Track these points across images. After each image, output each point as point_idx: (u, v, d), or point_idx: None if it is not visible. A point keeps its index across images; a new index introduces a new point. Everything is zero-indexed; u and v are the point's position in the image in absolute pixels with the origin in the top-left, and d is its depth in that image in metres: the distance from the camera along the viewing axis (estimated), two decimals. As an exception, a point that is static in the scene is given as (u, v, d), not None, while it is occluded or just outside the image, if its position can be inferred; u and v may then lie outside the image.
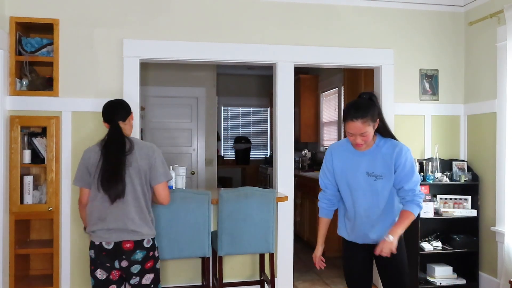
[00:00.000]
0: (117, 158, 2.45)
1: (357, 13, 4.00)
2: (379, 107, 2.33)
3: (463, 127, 4.18)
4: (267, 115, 8.29)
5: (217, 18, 3.78)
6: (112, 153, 2.47)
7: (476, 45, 4.04)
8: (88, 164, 2.53)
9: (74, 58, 3.53)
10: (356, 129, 2.20)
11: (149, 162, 2.54)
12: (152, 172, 2.54)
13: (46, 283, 3.43)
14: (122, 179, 2.44)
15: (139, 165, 2.50)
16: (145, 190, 2.53)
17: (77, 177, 2.58)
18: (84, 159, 2.56)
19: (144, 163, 2.52)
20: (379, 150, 2.30)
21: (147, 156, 2.54)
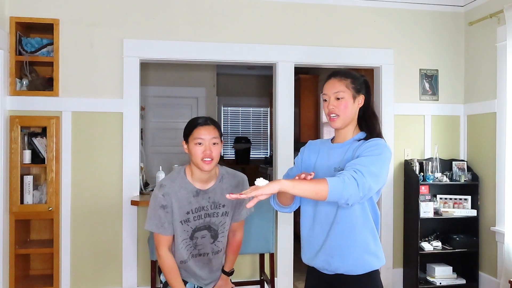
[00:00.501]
0: None
1: (357, 13, 4.00)
2: (370, 91, 1.93)
3: (463, 127, 4.18)
4: (267, 115, 8.28)
5: (217, 18, 3.78)
6: None
7: (476, 45, 4.04)
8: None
9: (74, 58, 3.53)
10: (330, 88, 1.81)
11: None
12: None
13: (46, 283, 3.43)
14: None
15: None
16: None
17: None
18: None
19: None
20: (355, 144, 1.80)
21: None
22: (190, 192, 2.13)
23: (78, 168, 3.54)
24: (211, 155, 2.05)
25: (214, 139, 2.08)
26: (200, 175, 2.12)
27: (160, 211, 2.10)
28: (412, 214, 3.90)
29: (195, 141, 2.06)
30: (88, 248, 3.56)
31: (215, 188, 2.16)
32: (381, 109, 4.03)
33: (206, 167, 2.06)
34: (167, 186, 2.12)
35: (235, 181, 2.22)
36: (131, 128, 3.61)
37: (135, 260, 3.60)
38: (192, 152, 2.07)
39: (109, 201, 3.58)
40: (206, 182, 2.15)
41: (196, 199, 2.13)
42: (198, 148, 2.06)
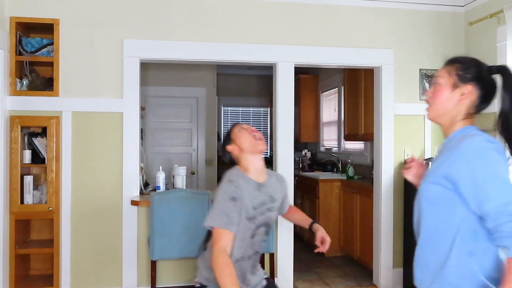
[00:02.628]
0: None
1: (357, 13, 4.00)
2: (491, 85, 1.67)
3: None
4: (267, 115, 8.28)
5: (217, 18, 3.78)
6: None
7: (476, 45, 4.04)
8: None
9: (74, 58, 3.54)
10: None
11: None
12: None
13: (46, 283, 3.43)
14: None
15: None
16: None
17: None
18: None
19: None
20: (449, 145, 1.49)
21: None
22: (252, 186, 2.05)
23: (78, 168, 3.54)
24: (260, 133, 2.12)
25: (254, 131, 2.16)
26: (257, 165, 2.09)
27: (230, 204, 1.94)
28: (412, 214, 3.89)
29: (239, 129, 2.11)
30: (88, 248, 3.56)
31: (269, 181, 2.15)
32: (381, 109, 4.03)
33: (261, 146, 2.06)
34: (236, 180, 2.01)
35: (279, 178, 2.29)
36: (131, 128, 3.61)
37: (135, 260, 3.60)
38: (242, 138, 2.08)
39: (109, 201, 3.58)
40: (262, 173, 2.12)
41: (258, 193, 2.06)
42: (245, 133, 2.09)
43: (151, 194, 3.13)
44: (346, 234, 4.99)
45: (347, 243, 4.96)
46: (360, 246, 4.60)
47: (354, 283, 4.22)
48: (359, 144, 5.51)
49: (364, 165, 5.29)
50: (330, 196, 5.19)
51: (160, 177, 3.72)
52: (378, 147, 4.10)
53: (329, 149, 6.53)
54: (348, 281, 4.27)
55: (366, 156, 5.27)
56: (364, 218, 4.51)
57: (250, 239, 2.05)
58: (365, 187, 4.52)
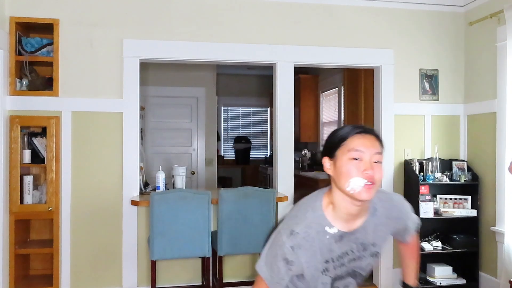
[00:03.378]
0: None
1: (357, 13, 4.00)
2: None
3: (463, 127, 4.18)
4: (267, 115, 8.28)
5: (217, 18, 3.78)
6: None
7: (476, 45, 4.04)
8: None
9: (74, 58, 3.53)
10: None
11: None
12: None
13: (46, 283, 3.43)
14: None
15: None
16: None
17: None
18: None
19: None
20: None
21: None
22: (331, 238, 1.50)
23: (78, 168, 3.54)
24: (372, 177, 1.40)
25: (377, 155, 1.44)
26: (349, 209, 1.47)
27: (281, 264, 1.48)
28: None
29: (351, 154, 1.42)
30: (88, 248, 3.56)
31: (365, 226, 1.54)
32: (381, 109, 4.03)
33: (364, 195, 1.40)
34: (300, 236, 1.47)
35: (394, 210, 1.62)
36: (131, 128, 3.61)
37: (135, 260, 3.60)
38: (344, 171, 1.42)
39: (109, 201, 3.58)
40: (355, 219, 1.51)
41: (339, 245, 1.52)
42: (354, 165, 1.41)
43: (151, 194, 3.13)
44: (346, 234, 4.97)
45: (347, 243, 4.95)
46: (360, 246, 4.59)
47: (354, 283, 4.21)
48: (359, 144, 5.49)
49: (364, 165, 5.28)
50: (330, 196, 5.18)
51: (160, 177, 3.72)
52: (378, 147, 4.10)
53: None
54: (348, 281, 4.26)
55: (366, 156, 5.25)
56: (364, 218, 4.50)
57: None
58: (365, 187, 4.51)
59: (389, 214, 1.59)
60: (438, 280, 3.84)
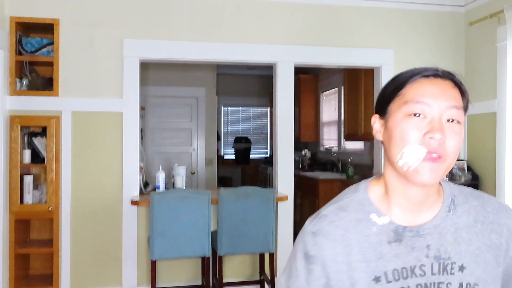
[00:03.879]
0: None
1: (357, 13, 4.00)
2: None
3: (463, 127, 4.18)
4: (267, 115, 8.28)
5: (217, 18, 3.78)
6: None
7: (476, 45, 4.04)
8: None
9: (74, 58, 3.53)
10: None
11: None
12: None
13: (46, 283, 3.43)
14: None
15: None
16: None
17: None
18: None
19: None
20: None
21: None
22: (381, 233, 0.93)
23: (78, 168, 3.54)
24: (441, 146, 0.86)
25: (453, 110, 0.89)
26: (407, 193, 0.92)
27: (300, 264, 0.96)
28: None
29: (409, 107, 0.89)
30: (88, 248, 3.56)
31: (439, 225, 0.94)
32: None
33: (424, 175, 0.86)
34: (328, 219, 0.96)
35: (488, 208, 0.98)
36: (131, 128, 3.61)
37: (135, 260, 3.60)
38: (395, 134, 0.90)
39: (109, 201, 3.58)
40: (419, 209, 0.94)
41: (396, 249, 0.92)
42: (412, 125, 0.88)
43: (151, 194, 3.14)
44: (346, 234, 4.98)
45: (347, 243, 4.95)
46: (360, 246, 4.60)
47: (354, 283, 4.21)
48: (359, 144, 5.51)
49: (364, 165, 5.29)
50: (330, 196, 5.16)
51: (160, 177, 3.72)
52: (378, 147, 4.10)
53: (329, 149, 6.53)
54: (348, 281, 4.26)
55: (366, 156, 5.27)
56: (364, 218, 4.51)
57: None
58: (365, 187, 4.51)
59: (480, 213, 0.96)
60: (438, 280, 3.84)
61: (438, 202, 0.96)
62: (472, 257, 0.92)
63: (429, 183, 0.87)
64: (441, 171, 0.87)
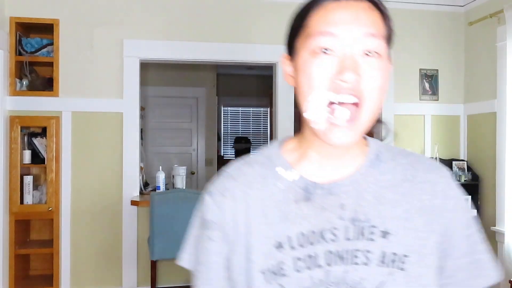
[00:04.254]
0: None
1: (357, 13, 4.00)
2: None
3: (463, 127, 4.18)
4: (267, 115, 8.29)
5: (217, 18, 3.78)
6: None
7: (476, 45, 4.04)
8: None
9: (74, 58, 3.53)
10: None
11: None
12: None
13: (46, 283, 3.43)
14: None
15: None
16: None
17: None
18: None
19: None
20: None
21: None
22: (289, 191, 0.78)
23: (78, 168, 3.54)
24: (356, 89, 0.69)
25: (369, 39, 0.70)
26: (322, 148, 0.77)
27: (199, 231, 0.84)
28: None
29: (314, 41, 0.70)
30: (88, 248, 3.56)
31: (358, 182, 0.77)
32: (381, 109, 4.02)
33: (335, 133, 0.70)
34: (231, 174, 0.84)
35: (418, 166, 0.80)
36: (131, 128, 3.61)
37: (135, 260, 3.60)
38: (301, 78, 0.73)
39: (109, 201, 3.58)
40: (336, 164, 0.78)
41: (303, 209, 0.76)
42: (319, 64, 0.70)
43: (151, 194, 3.14)
44: (346, 234, 4.98)
45: (347, 243, 4.95)
46: (360, 246, 4.60)
47: (354, 283, 4.21)
48: (359, 144, 5.51)
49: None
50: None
51: (160, 177, 3.72)
52: (378, 147, 4.10)
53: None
54: (348, 281, 4.26)
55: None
56: (364, 218, 4.51)
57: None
58: (365, 187, 4.51)
59: (408, 171, 0.79)
60: (438, 280, 3.84)
61: (360, 157, 0.79)
62: (399, 221, 0.73)
63: (343, 144, 0.71)
64: (359, 125, 0.70)
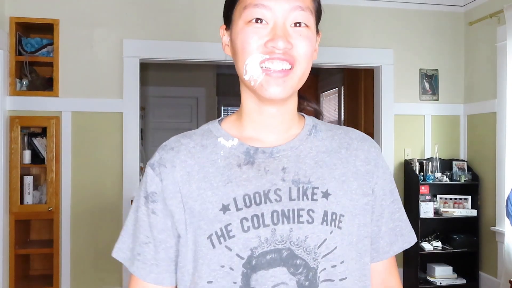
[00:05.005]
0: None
1: (357, 13, 4.00)
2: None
3: (463, 127, 4.18)
4: (267, 115, 8.28)
5: (217, 18, 3.76)
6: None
7: (476, 45, 4.04)
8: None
9: (74, 58, 3.53)
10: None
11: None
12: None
13: (46, 283, 3.42)
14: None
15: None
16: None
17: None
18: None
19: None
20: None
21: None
22: (230, 156, 0.81)
23: (78, 168, 3.54)
24: (286, 53, 0.76)
25: (298, 12, 0.77)
26: (261, 113, 0.83)
27: (141, 211, 0.83)
28: (412, 214, 3.90)
29: (248, 13, 0.78)
30: (88, 248, 3.56)
31: (298, 148, 0.83)
32: (381, 109, 4.03)
33: (271, 88, 0.77)
34: (169, 147, 0.87)
35: (352, 135, 0.88)
36: (131, 128, 3.61)
37: (135, 260, 3.60)
38: (237, 45, 0.81)
39: (109, 201, 3.58)
40: (275, 131, 0.84)
41: (247, 172, 0.79)
42: (252, 32, 0.78)
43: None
44: (346, 234, 4.98)
45: (347, 243, 4.95)
46: (360, 246, 4.60)
47: (354, 283, 4.21)
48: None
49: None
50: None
51: (160, 177, 3.72)
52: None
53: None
54: (348, 281, 4.26)
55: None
56: (364, 218, 4.51)
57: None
58: (365, 187, 4.51)
59: (338, 140, 0.86)
60: (438, 280, 3.84)
61: (298, 128, 0.85)
62: (337, 183, 0.80)
63: (279, 96, 0.77)
64: (292, 82, 0.78)
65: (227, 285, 0.74)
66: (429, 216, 3.82)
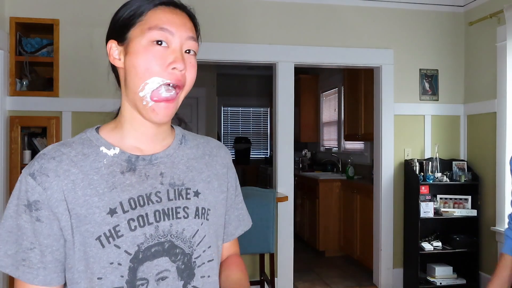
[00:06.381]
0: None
1: (357, 13, 4.00)
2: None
3: (463, 127, 4.19)
4: (267, 115, 8.29)
5: (217, 18, 3.78)
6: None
7: (476, 45, 4.04)
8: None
9: (74, 58, 3.53)
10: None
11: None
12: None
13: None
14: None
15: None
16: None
17: None
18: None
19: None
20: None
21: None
22: (113, 164, 0.91)
23: (78, 168, 3.54)
24: (182, 78, 0.90)
25: (191, 42, 0.92)
26: (141, 126, 0.95)
27: (22, 219, 0.85)
28: (412, 214, 3.90)
29: (153, 34, 0.89)
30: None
31: (171, 155, 0.97)
32: (381, 109, 4.03)
33: (161, 112, 0.90)
34: (49, 155, 0.89)
35: (212, 144, 1.08)
36: (131, 128, 3.61)
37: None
38: (139, 62, 0.89)
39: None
40: (152, 141, 0.96)
41: (130, 178, 0.90)
42: (157, 53, 0.88)
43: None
44: (346, 234, 4.99)
45: (347, 243, 4.96)
46: (360, 246, 4.60)
47: (354, 283, 4.22)
48: (359, 144, 5.51)
49: (364, 165, 5.29)
50: (330, 196, 5.19)
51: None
52: (378, 147, 4.10)
53: (329, 149, 6.53)
54: (348, 281, 4.27)
55: (366, 156, 5.27)
56: (364, 218, 4.51)
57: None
58: (365, 187, 4.52)
59: (203, 150, 1.04)
60: (438, 280, 3.84)
61: (171, 136, 1.01)
62: (204, 184, 0.99)
63: (164, 121, 0.92)
64: (176, 106, 0.93)
65: (115, 279, 0.85)
66: (429, 216, 3.82)
